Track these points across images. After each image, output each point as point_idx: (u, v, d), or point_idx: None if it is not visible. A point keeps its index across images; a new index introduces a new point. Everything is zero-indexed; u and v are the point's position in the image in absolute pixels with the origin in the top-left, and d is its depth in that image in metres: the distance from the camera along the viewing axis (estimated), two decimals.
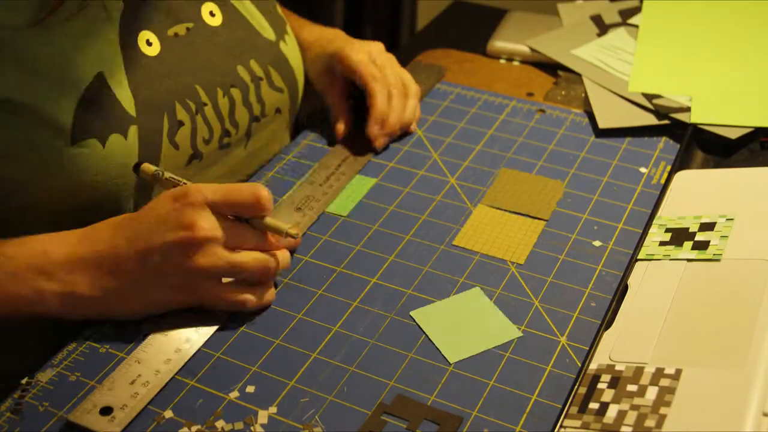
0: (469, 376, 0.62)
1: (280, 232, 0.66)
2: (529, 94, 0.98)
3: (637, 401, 0.57)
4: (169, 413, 0.59)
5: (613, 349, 0.62)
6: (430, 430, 0.58)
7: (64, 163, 0.67)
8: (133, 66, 0.71)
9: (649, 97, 0.93)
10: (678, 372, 0.58)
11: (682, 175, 0.81)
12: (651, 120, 0.90)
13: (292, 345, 0.65)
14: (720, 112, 0.90)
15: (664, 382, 0.58)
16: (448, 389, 0.61)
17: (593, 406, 0.58)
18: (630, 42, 1.04)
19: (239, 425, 0.58)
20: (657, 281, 0.68)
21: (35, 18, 0.65)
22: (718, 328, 0.61)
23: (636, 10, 1.11)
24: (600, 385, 0.60)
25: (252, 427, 0.58)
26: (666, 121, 0.90)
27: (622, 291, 0.68)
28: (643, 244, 0.72)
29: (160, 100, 0.72)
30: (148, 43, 0.72)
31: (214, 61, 0.77)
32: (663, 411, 0.56)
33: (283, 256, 0.68)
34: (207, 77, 0.76)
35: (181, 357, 0.63)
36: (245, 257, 0.64)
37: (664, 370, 0.59)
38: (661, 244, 0.72)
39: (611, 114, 0.91)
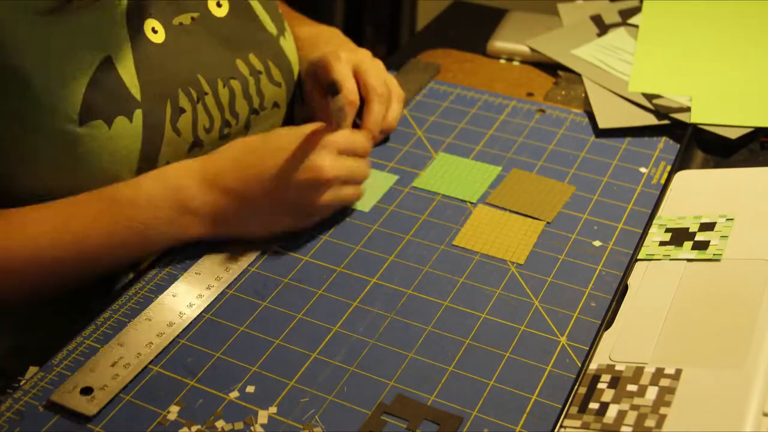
0: (469, 376, 0.62)
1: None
2: (529, 94, 0.98)
3: (637, 401, 0.57)
4: (169, 413, 0.59)
5: (613, 349, 0.62)
6: (430, 430, 0.58)
7: (71, 143, 0.68)
8: (139, 52, 0.72)
9: (649, 97, 0.93)
10: (678, 372, 0.58)
11: (682, 175, 0.81)
12: (651, 120, 0.90)
13: (292, 345, 0.65)
14: (720, 112, 0.90)
15: (664, 382, 0.58)
16: (448, 389, 0.61)
17: (593, 406, 0.58)
18: (630, 42, 1.04)
19: (239, 425, 0.58)
20: (657, 281, 0.68)
21: (53, 6, 0.66)
22: (718, 328, 0.61)
23: (636, 10, 1.11)
24: (600, 385, 0.60)
25: (252, 427, 0.58)
26: (666, 121, 0.90)
27: (622, 291, 0.68)
28: (643, 244, 0.72)
29: (164, 87, 0.73)
30: (154, 30, 0.74)
31: (214, 53, 0.78)
32: (663, 411, 0.56)
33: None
34: (208, 67, 0.77)
35: (162, 341, 0.64)
36: (359, 164, 0.75)
37: (664, 370, 0.59)
38: (661, 244, 0.72)
39: (611, 114, 0.91)
